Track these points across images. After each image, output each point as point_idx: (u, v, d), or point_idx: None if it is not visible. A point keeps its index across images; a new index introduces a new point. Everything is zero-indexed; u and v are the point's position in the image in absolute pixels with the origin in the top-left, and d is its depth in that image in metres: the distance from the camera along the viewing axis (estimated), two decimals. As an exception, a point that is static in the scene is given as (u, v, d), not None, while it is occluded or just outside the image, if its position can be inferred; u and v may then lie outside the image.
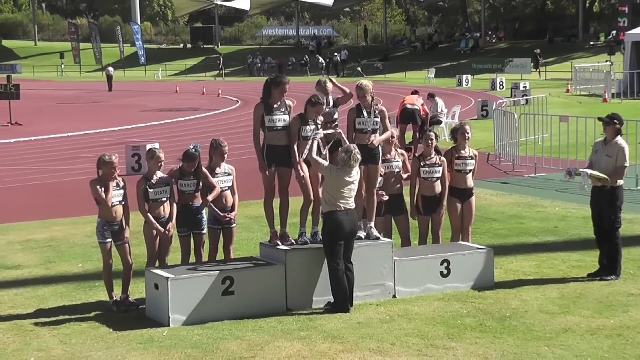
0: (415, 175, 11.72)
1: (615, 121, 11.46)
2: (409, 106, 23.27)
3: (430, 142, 11.72)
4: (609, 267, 11.39)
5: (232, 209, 10.91)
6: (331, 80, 11.01)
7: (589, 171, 11.28)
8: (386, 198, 11.47)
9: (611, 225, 11.38)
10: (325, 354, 8.83)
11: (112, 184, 10.35)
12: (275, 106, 10.41)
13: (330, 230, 10.11)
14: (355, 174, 10.19)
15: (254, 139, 10.53)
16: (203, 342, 9.20)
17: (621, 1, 61.37)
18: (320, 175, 10.50)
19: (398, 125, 23.28)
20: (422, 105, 23.96)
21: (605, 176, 11.24)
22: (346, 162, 10.04)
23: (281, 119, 10.38)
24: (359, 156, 10.09)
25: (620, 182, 11.41)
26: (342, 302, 10.15)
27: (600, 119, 11.91)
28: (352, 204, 10.19)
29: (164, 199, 10.57)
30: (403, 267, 10.72)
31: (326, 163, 10.24)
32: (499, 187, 18.76)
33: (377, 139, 10.62)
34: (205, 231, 10.94)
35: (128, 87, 62.69)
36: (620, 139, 11.46)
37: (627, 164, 11.46)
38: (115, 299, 10.51)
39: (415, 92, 24.88)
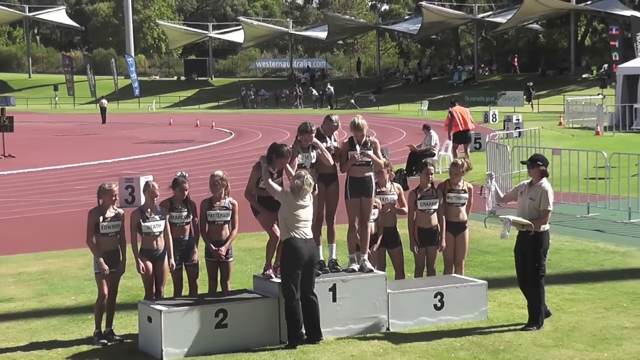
0: (413, 208, 11.73)
1: (539, 162, 10.68)
2: (464, 128, 27.17)
3: (428, 174, 11.75)
4: (531, 317, 10.67)
5: (225, 242, 10.87)
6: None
7: (511, 217, 10.55)
8: (374, 248, 11.43)
9: (534, 272, 10.60)
10: (319, 387, 8.80)
11: (111, 214, 10.36)
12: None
13: (287, 256, 10.02)
14: (309, 199, 10.14)
15: (247, 195, 10.55)
16: (196, 376, 9.17)
17: (612, 35, 61.74)
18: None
19: (450, 136, 27.64)
20: (468, 116, 27.52)
21: (528, 222, 10.46)
22: (299, 187, 10.01)
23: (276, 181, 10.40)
24: (311, 180, 10.07)
25: (545, 227, 10.61)
26: (294, 335, 9.98)
27: (522, 162, 11.23)
28: (309, 233, 10.10)
29: (157, 232, 10.56)
30: (396, 300, 10.71)
31: (280, 188, 10.23)
32: (491, 219, 18.70)
33: (368, 152, 10.59)
34: (197, 263, 10.91)
35: (122, 119, 62.77)
36: (544, 182, 10.66)
37: (551, 208, 10.63)
38: (99, 330, 10.44)
39: (453, 104, 28.37)
